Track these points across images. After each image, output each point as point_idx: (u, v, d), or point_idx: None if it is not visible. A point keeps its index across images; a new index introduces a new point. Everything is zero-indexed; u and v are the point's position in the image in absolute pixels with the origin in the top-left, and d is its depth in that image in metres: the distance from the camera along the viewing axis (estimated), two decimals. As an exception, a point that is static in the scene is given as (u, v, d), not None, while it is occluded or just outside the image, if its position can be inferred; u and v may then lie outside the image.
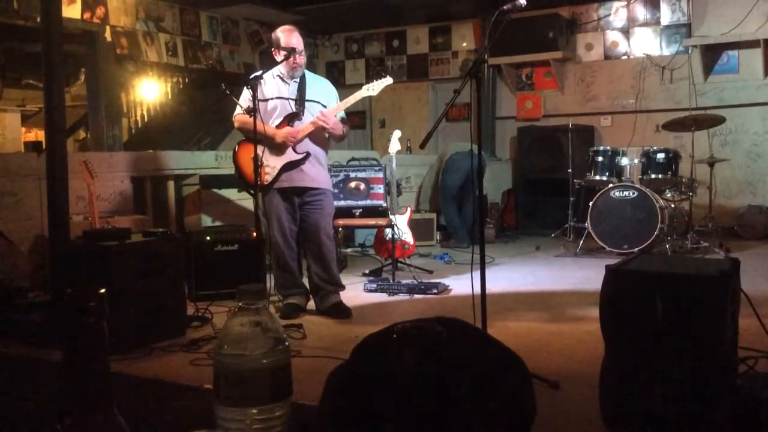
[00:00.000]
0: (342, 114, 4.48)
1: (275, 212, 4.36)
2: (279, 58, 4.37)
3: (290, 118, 4.38)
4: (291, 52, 4.32)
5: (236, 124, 4.50)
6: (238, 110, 4.44)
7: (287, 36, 4.37)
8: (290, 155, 4.34)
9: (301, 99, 4.41)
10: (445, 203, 7.70)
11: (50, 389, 2.86)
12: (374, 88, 4.44)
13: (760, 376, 2.66)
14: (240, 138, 4.55)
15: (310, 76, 4.54)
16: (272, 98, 4.37)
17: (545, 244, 7.37)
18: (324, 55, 10.66)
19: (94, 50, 7.66)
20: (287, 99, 4.40)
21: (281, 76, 4.44)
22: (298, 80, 4.45)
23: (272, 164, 4.33)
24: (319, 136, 4.44)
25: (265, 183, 4.30)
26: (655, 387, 2.22)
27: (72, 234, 4.21)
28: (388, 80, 4.48)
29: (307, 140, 4.38)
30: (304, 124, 4.37)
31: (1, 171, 4.93)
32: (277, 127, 4.36)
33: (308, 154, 4.35)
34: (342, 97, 4.56)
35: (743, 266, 2.54)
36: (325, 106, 4.42)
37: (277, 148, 4.33)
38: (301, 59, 4.38)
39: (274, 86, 4.41)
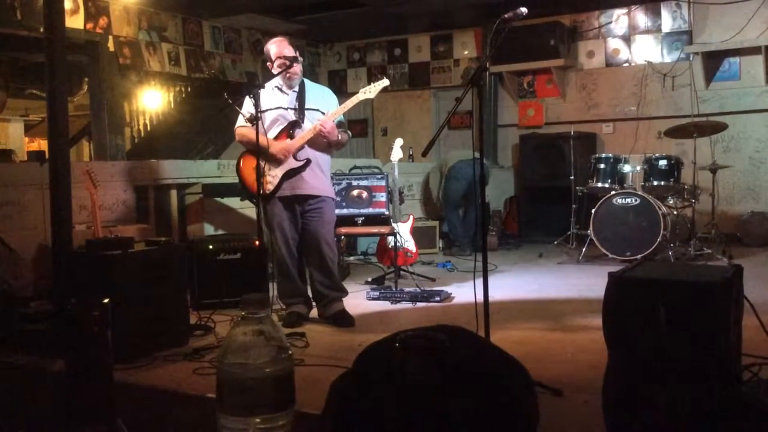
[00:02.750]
0: (340, 118, 4.48)
1: (277, 221, 4.36)
2: (274, 70, 4.39)
3: (290, 127, 4.39)
4: (285, 61, 4.32)
5: (237, 137, 4.51)
6: (239, 122, 4.45)
7: (278, 47, 4.38)
8: (291, 163, 4.35)
9: (300, 108, 4.42)
10: (448, 211, 7.70)
11: (53, 399, 2.86)
12: (371, 91, 4.42)
13: (763, 383, 2.65)
14: (243, 149, 4.56)
15: (309, 84, 4.55)
16: (271, 109, 4.38)
17: (548, 251, 7.36)
18: (326, 64, 10.70)
19: (97, 60, 7.69)
20: (286, 109, 4.41)
21: (280, 87, 4.45)
22: (297, 89, 4.46)
23: (274, 173, 4.34)
24: (320, 142, 4.44)
25: (267, 192, 4.31)
26: (658, 395, 2.22)
27: (75, 243, 4.21)
28: (384, 82, 4.46)
29: (307, 147, 4.38)
30: (303, 132, 4.38)
31: (4, 180, 4.94)
32: (276, 137, 4.36)
33: (308, 161, 4.36)
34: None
35: (746, 273, 2.53)
36: (324, 114, 4.43)
37: (278, 157, 4.34)
38: (296, 68, 4.38)
39: (272, 97, 4.42)
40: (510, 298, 5.09)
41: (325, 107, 4.47)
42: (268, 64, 4.46)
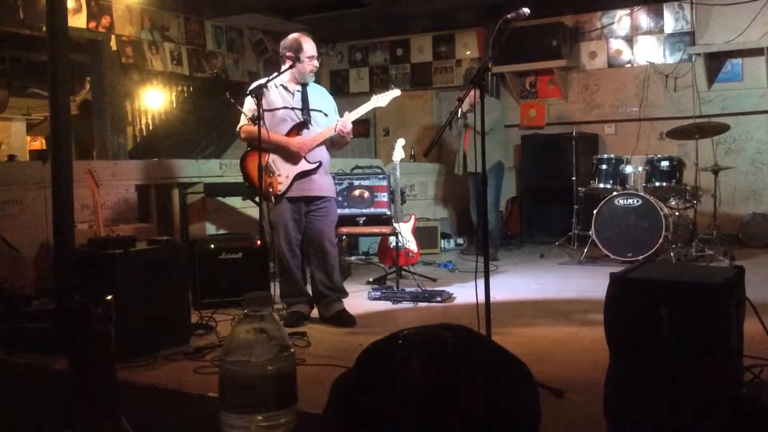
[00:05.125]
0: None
1: (282, 221, 4.36)
2: (290, 63, 4.37)
3: (298, 128, 4.39)
4: (297, 59, 4.35)
5: (243, 135, 4.48)
6: (243, 121, 4.44)
7: (303, 41, 4.40)
8: (304, 165, 4.35)
9: (306, 108, 4.43)
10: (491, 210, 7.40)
11: (56, 398, 2.87)
12: (383, 100, 4.49)
13: (765, 385, 2.65)
14: (245, 147, 4.55)
15: (310, 84, 4.55)
16: (278, 108, 4.38)
17: (549, 251, 7.36)
18: (328, 64, 10.69)
19: (99, 59, 7.70)
20: (293, 109, 4.41)
21: (284, 85, 4.45)
22: (300, 89, 4.46)
23: (285, 173, 4.33)
24: (324, 142, 4.46)
25: (278, 193, 4.31)
26: (659, 395, 2.21)
27: (76, 242, 4.22)
28: (396, 92, 4.55)
29: (317, 149, 4.39)
30: (312, 133, 4.38)
31: (6, 179, 4.95)
32: (286, 136, 4.37)
33: (320, 164, 4.37)
34: (343, 106, 4.57)
35: (748, 274, 2.53)
36: (326, 115, 4.44)
37: (290, 158, 4.33)
38: (317, 64, 4.47)
39: (278, 96, 4.42)
40: (511, 299, 5.09)
41: (326, 108, 4.49)
42: (288, 54, 4.42)
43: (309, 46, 4.40)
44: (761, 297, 3.01)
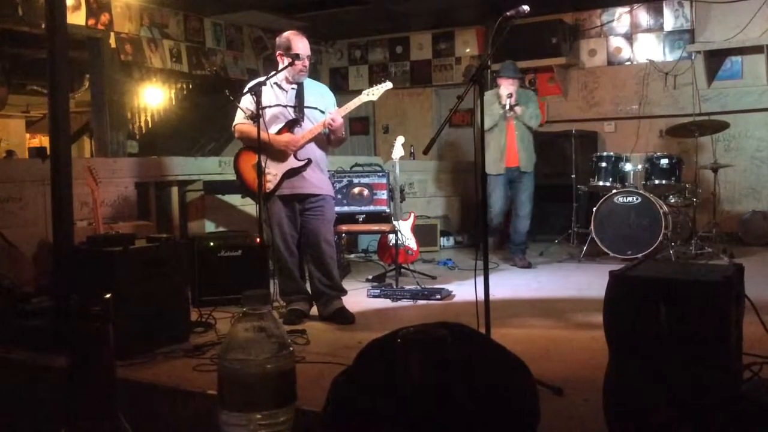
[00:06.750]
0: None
1: (276, 219, 4.36)
2: (284, 61, 4.37)
3: (290, 125, 4.39)
4: (296, 57, 4.33)
5: (237, 134, 4.49)
6: (238, 119, 4.43)
7: (295, 40, 4.39)
8: (292, 162, 4.35)
9: (300, 106, 4.42)
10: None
11: (55, 395, 2.87)
12: (374, 93, 4.46)
13: (764, 383, 2.65)
14: (241, 145, 4.55)
15: (308, 82, 4.53)
16: (271, 106, 4.37)
17: (549, 250, 7.35)
18: (327, 61, 10.69)
19: (98, 56, 7.69)
20: (286, 106, 4.40)
21: (278, 83, 4.44)
22: (296, 87, 4.45)
23: (274, 171, 4.33)
24: (320, 141, 4.45)
25: (267, 191, 4.30)
26: (659, 393, 2.21)
27: (76, 239, 4.21)
28: (387, 85, 4.51)
29: (307, 146, 4.38)
30: (305, 131, 4.38)
31: (5, 176, 4.95)
32: (277, 134, 4.36)
33: (309, 161, 4.36)
34: (343, 103, 4.56)
35: (747, 272, 2.53)
36: (323, 112, 4.43)
37: (279, 156, 4.33)
38: (307, 64, 4.41)
39: (272, 94, 4.41)
40: (511, 297, 5.09)
41: (323, 105, 4.47)
42: (278, 53, 4.43)
43: (300, 45, 4.38)
44: (761, 295, 3.01)
